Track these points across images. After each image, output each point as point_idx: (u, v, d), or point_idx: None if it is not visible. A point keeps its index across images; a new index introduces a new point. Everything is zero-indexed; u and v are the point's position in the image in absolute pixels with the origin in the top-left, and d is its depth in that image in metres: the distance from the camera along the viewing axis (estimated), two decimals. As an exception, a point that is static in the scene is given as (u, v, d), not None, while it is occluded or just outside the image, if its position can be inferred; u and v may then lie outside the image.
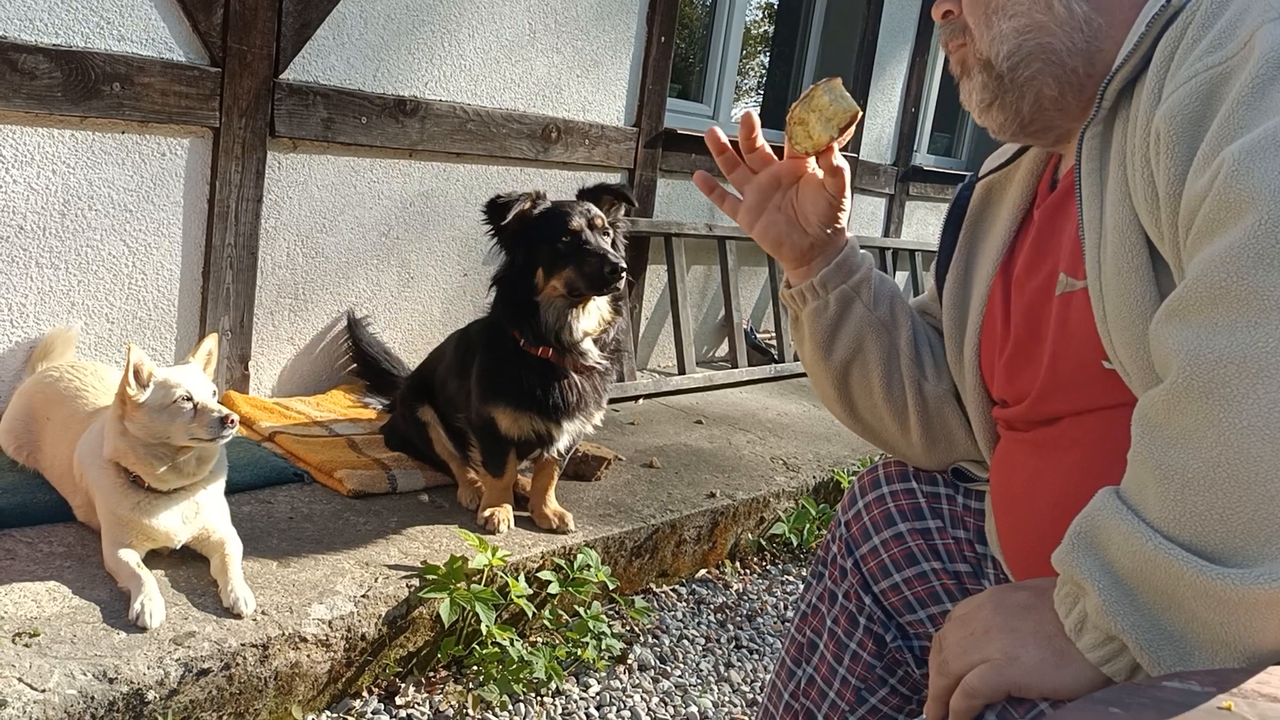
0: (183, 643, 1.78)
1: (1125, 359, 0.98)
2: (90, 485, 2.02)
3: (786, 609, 2.74)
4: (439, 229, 3.48)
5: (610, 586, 2.47)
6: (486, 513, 2.45)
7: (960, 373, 1.31)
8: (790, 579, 2.93)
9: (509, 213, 2.30)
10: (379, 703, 2.02)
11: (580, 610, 2.35)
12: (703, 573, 2.87)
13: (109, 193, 2.69)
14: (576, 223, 2.32)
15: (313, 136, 3.01)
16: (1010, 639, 0.91)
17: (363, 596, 2.03)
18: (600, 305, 2.42)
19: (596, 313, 2.41)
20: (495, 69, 3.49)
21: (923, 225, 6.01)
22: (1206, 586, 0.76)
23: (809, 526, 3.06)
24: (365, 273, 3.32)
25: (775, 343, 4.79)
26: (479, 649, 2.15)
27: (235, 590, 1.91)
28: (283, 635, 1.87)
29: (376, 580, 2.09)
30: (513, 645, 2.14)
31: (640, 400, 3.87)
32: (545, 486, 2.55)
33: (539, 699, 2.14)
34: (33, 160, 2.54)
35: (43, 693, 1.59)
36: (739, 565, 2.96)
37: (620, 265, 2.28)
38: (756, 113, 1.38)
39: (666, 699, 2.24)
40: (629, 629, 2.49)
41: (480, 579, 2.17)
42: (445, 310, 3.59)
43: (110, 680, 1.66)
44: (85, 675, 1.65)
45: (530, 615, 2.27)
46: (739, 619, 2.65)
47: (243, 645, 1.82)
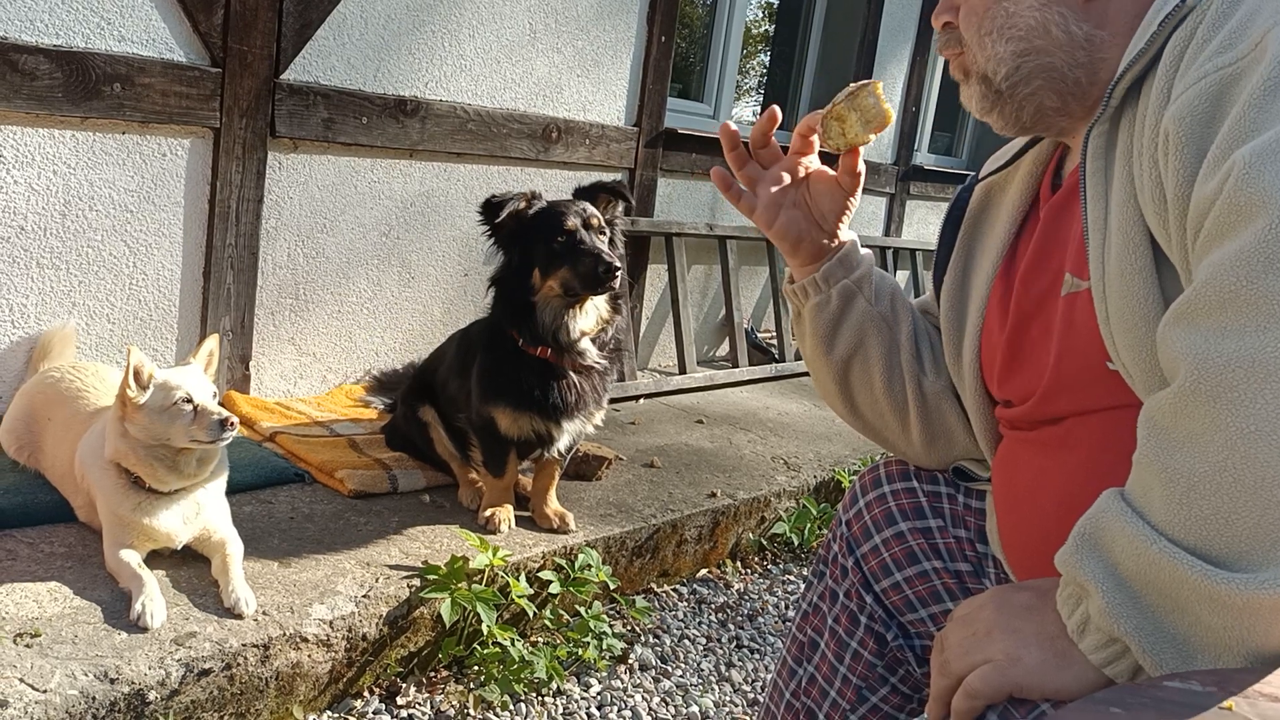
0: (184, 643, 1.78)
1: (1128, 360, 0.98)
2: (91, 486, 2.02)
3: (788, 608, 2.74)
4: (440, 229, 3.48)
5: (611, 586, 2.47)
6: (487, 513, 2.45)
7: (959, 373, 1.31)
8: (791, 578, 2.93)
9: (503, 212, 2.30)
10: (380, 703, 2.03)
11: (581, 610, 2.35)
12: (704, 572, 2.87)
13: (110, 193, 2.69)
14: (571, 222, 2.32)
15: (313, 137, 3.01)
16: (1012, 640, 0.91)
17: (364, 597, 2.03)
18: (598, 305, 2.42)
19: (594, 312, 2.41)
20: (496, 69, 3.49)
21: (923, 224, 6.01)
22: (1211, 590, 0.76)
23: (810, 526, 3.06)
24: (366, 273, 3.32)
25: (776, 342, 4.79)
26: (480, 649, 2.15)
27: (236, 590, 1.91)
28: (284, 635, 1.88)
29: (377, 580, 2.10)
30: (514, 645, 2.14)
31: (641, 400, 3.87)
32: (546, 486, 2.55)
33: (540, 699, 2.14)
34: (33, 161, 2.54)
35: (44, 693, 1.59)
36: (740, 565, 2.96)
37: (615, 265, 2.27)
38: (757, 112, 1.38)
39: (668, 699, 2.24)
40: (630, 629, 2.49)
41: (481, 579, 2.17)
42: (446, 310, 3.59)
43: (111, 681, 1.66)
44: (86, 676, 1.65)
45: (531, 615, 2.27)
46: (740, 618, 2.65)
47: (244, 645, 1.82)
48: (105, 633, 1.77)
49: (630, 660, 2.35)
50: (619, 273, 2.29)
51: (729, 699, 2.29)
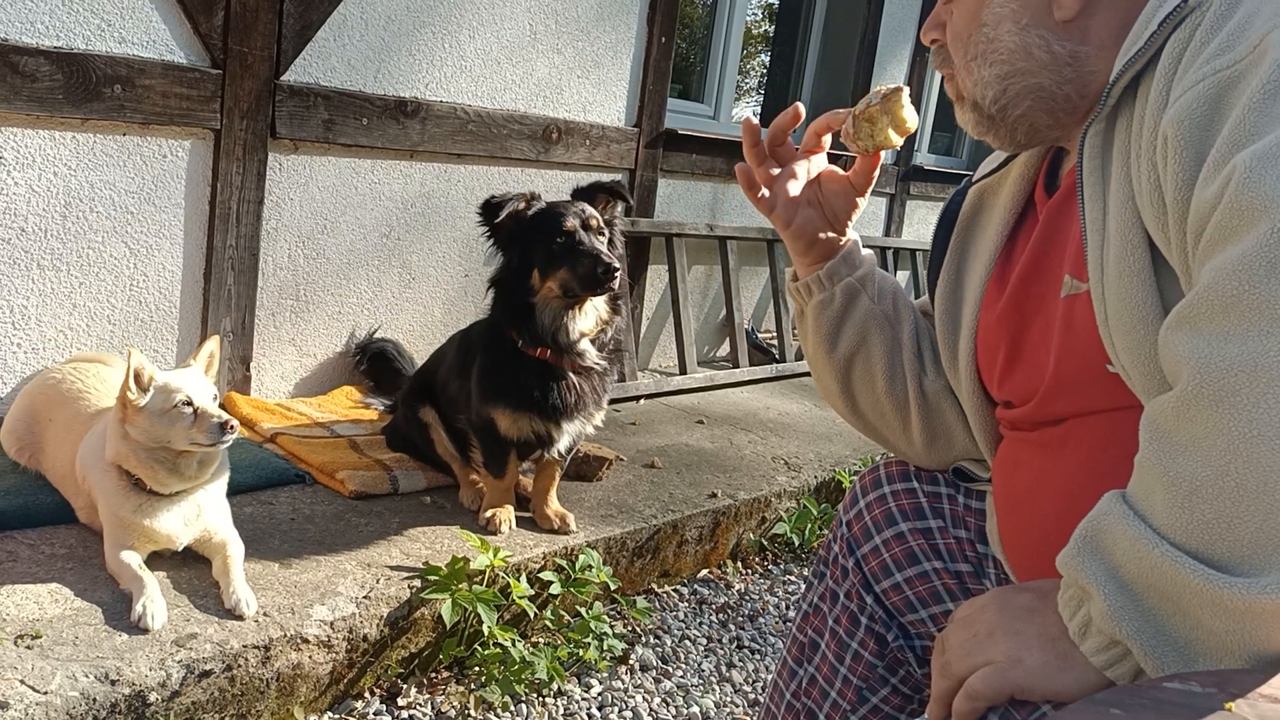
0: (185, 644, 1.78)
1: (1127, 363, 0.98)
2: (92, 487, 2.02)
3: (788, 609, 2.74)
4: (440, 230, 3.48)
5: (612, 587, 2.47)
6: (488, 513, 2.45)
7: (955, 375, 1.31)
8: (792, 579, 2.93)
9: (502, 213, 2.30)
10: (381, 704, 2.03)
11: (582, 611, 2.35)
12: (704, 573, 2.87)
13: (110, 195, 2.69)
14: (570, 223, 2.32)
15: (314, 138, 3.01)
16: (1013, 641, 0.91)
17: (364, 597, 2.03)
18: (597, 305, 2.42)
19: (594, 313, 2.41)
20: (496, 70, 3.49)
21: (924, 225, 6.01)
22: (1212, 595, 0.76)
23: (810, 526, 3.06)
24: (366, 274, 3.32)
25: (776, 342, 4.79)
26: (481, 650, 2.15)
27: (237, 592, 1.91)
28: (284, 636, 1.88)
29: (378, 581, 2.10)
30: (514, 646, 2.14)
31: (641, 400, 3.87)
32: (547, 487, 2.55)
33: (541, 699, 2.14)
34: (34, 162, 2.54)
35: (45, 695, 1.59)
36: (741, 565, 2.96)
37: (614, 265, 2.27)
38: (756, 113, 1.39)
39: (668, 699, 2.24)
40: (631, 629, 2.50)
41: (482, 580, 2.17)
42: (446, 311, 3.59)
43: (112, 682, 1.66)
44: (87, 677, 1.65)
45: (532, 616, 2.27)
46: (741, 619, 2.65)
47: (245, 646, 1.82)
48: (106, 634, 1.77)
49: (631, 661, 2.35)
50: (618, 273, 2.29)
51: (730, 699, 2.29)
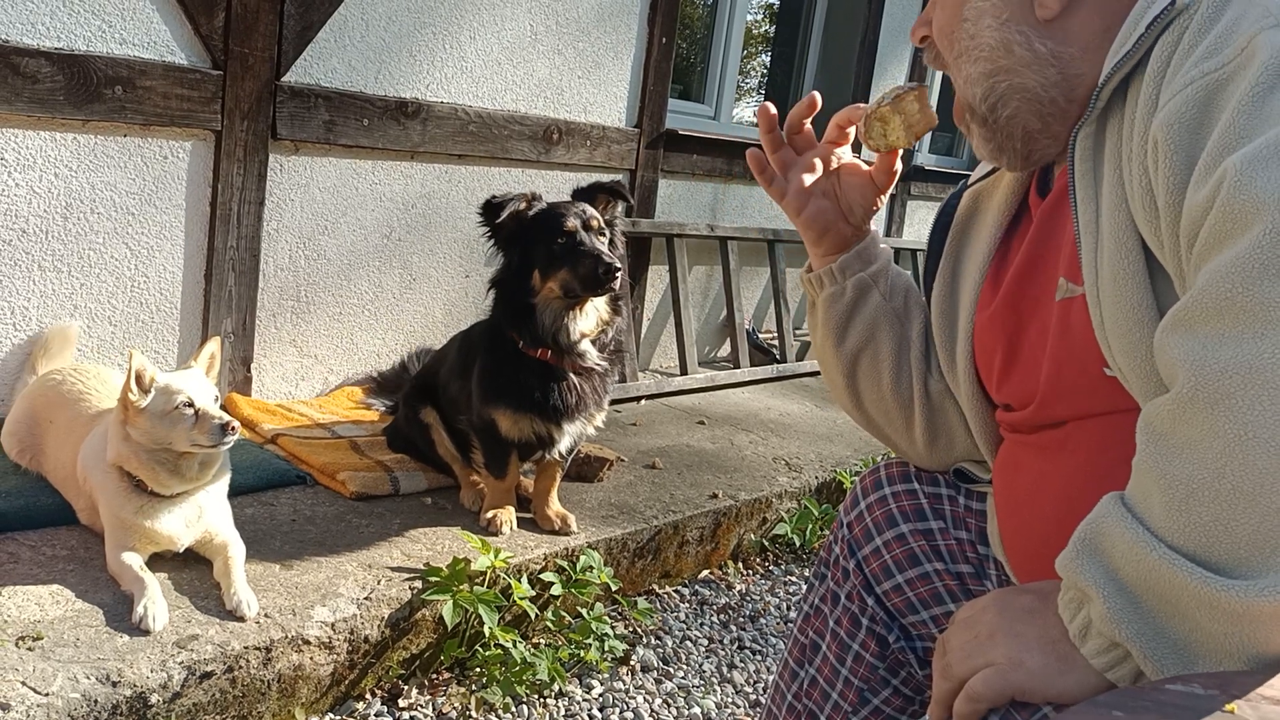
0: (186, 646, 1.78)
1: (1124, 366, 0.98)
2: (93, 489, 2.02)
3: (789, 610, 2.74)
4: (441, 230, 3.48)
5: (613, 588, 2.47)
6: (489, 514, 2.45)
7: (954, 378, 1.30)
8: (793, 580, 2.93)
9: (503, 213, 2.30)
10: (382, 705, 2.03)
11: (583, 611, 2.35)
12: (705, 573, 2.87)
13: (111, 196, 2.69)
14: (571, 224, 2.32)
15: (314, 139, 3.01)
16: (1014, 643, 0.91)
17: (365, 599, 2.03)
18: (598, 306, 2.42)
19: (594, 314, 2.41)
20: (497, 71, 3.49)
21: (924, 225, 6.01)
22: (1210, 597, 0.76)
23: (811, 527, 3.06)
24: (367, 274, 3.32)
25: (777, 343, 4.78)
26: (482, 651, 2.15)
27: (238, 593, 1.91)
28: (285, 638, 1.88)
29: (379, 582, 2.10)
30: (515, 647, 2.14)
31: (642, 401, 3.87)
32: (548, 488, 2.55)
33: (542, 700, 2.14)
34: (35, 164, 2.54)
35: (46, 696, 1.59)
36: (742, 566, 2.96)
37: (615, 266, 2.27)
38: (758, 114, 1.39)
39: (669, 700, 2.24)
40: (632, 630, 2.49)
41: (483, 581, 2.17)
42: (447, 312, 3.59)
43: (113, 684, 1.66)
44: (88, 679, 1.65)
45: (533, 617, 2.27)
46: (742, 620, 2.65)
47: (246, 648, 1.82)
48: (107, 635, 1.77)
49: (632, 662, 2.35)
50: (619, 274, 2.29)
51: (731, 700, 2.29)
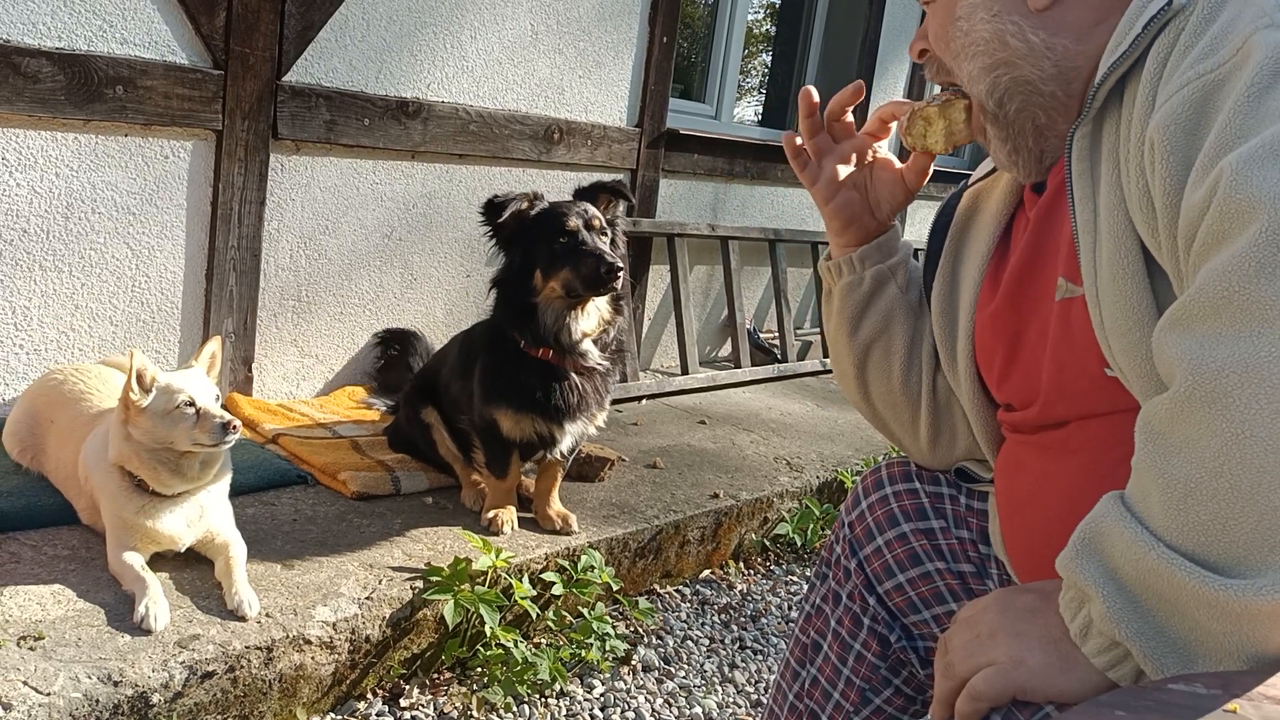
0: (187, 645, 1.78)
1: (1125, 365, 0.98)
2: (95, 488, 2.02)
3: (791, 609, 2.74)
4: (441, 230, 3.48)
5: (614, 587, 2.47)
6: (490, 514, 2.45)
7: (955, 377, 1.30)
8: (794, 579, 2.93)
9: (505, 213, 2.30)
10: (383, 704, 2.03)
11: (584, 611, 2.35)
12: (707, 573, 2.87)
13: (112, 196, 2.69)
14: (573, 223, 2.32)
15: (315, 139, 3.01)
16: (1016, 642, 0.91)
17: (367, 598, 2.03)
18: (599, 306, 2.42)
19: (596, 313, 2.41)
20: (498, 70, 3.49)
21: (925, 224, 6.00)
22: (1209, 597, 0.76)
23: (813, 527, 3.06)
24: (368, 274, 3.32)
25: (778, 342, 4.78)
26: (483, 650, 2.15)
27: (239, 593, 1.91)
28: (287, 637, 1.88)
29: (380, 582, 2.10)
30: (517, 646, 2.14)
31: (643, 400, 3.87)
32: (549, 488, 2.55)
33: (543, 700, 2.14)
34: (36, 164, 2.54)
35: (47, 696, 1.59)
36: (743, 566, 2.96)
37: (617, 265, 2.27)
38: (758, 113, 1.39)
39: (671, 700, 2.24)
40: (633, 630, 2.49)
41: (484, 580, 2.17)
42: (448, 311, 3.59)
43: (115, 683, 1.66)
44: (90, 678, 1.65)
45: (534, 616, 2.27)
46: (743, 620, 2.65)
47: (247, 648, 1.82)
48: (109, 635, 1.77)
49: (633, 661, 2.35)
50: (620, 273, 2.29)
51: (732, 700, 2.29)
